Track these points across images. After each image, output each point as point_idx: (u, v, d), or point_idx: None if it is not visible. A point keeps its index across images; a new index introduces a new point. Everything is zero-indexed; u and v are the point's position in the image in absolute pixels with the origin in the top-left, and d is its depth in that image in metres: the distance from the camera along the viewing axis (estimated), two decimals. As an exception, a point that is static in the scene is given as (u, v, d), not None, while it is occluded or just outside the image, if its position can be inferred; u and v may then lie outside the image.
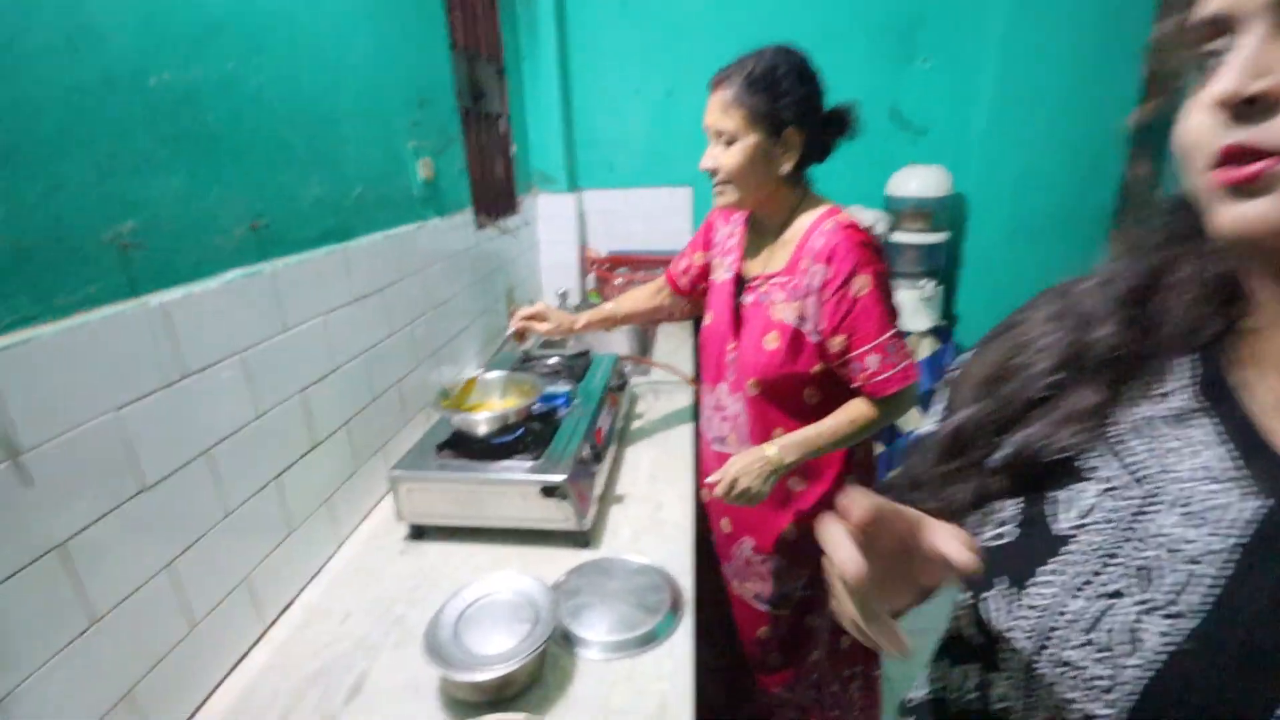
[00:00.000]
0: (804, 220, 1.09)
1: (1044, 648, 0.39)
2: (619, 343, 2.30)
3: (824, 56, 2.43)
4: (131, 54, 0.74)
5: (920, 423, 0.56)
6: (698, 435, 1.45)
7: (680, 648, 0.89)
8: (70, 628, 0.65)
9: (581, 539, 1.10)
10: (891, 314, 1.04)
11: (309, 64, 1.05)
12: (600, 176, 2.61)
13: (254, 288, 0.91)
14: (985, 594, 0.42)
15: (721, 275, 1.24)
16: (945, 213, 2.35)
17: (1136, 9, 2.15)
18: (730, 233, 1.24)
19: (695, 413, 1.51)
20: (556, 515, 1.07)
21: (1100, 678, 0.36)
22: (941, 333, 2.39)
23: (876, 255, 1.03)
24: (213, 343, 0.83)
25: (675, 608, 0.96)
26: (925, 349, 2.34)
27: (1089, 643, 0.37)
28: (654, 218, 2.62)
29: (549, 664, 0.86)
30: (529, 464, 1.09)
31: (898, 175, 2.36)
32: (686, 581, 1.02)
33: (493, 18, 2.00)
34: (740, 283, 1.19)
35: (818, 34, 2.37)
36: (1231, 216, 0.32)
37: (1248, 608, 0.33)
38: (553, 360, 1.59)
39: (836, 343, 1.04)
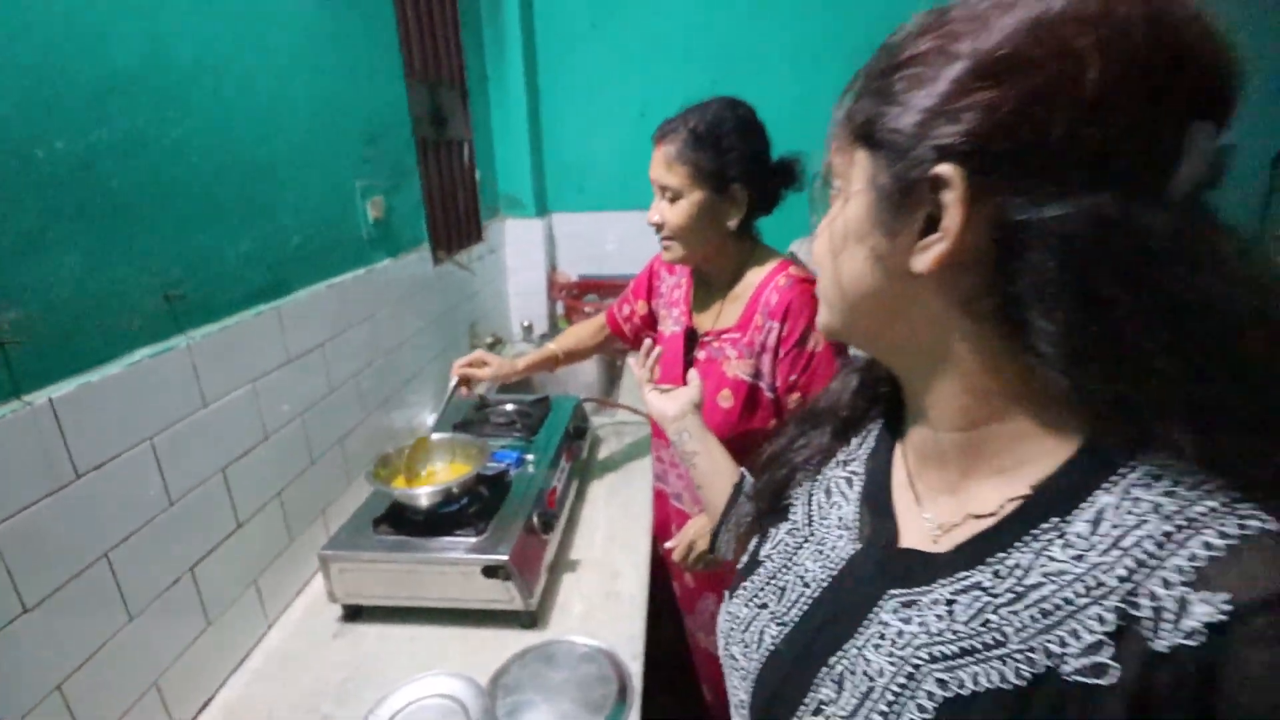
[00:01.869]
0: (755, 275, 1.08)
1: (727, 645, 0.51)
2: (587, 373, 2.25)
3: (798, 79, 2.41)
4: (17, 124, 0.66)
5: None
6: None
7: (625, 752, 0.84)
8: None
9: (528, 619, 1.04)
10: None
11: (240, 111, 0.98)
12: (570, 200, 2.55)
13: (165, 366, 0.83)
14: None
15: (670, 328, 1.23)
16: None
17: None
18: (676, 283, 1.23)
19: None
20: (501, 596, 1.01)
21: (744, 669, 0.47)
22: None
23: None
24: (113, 435, 0.76)
25: (623, 698, 0.91)
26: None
27: (743, 641, 0.48)
28: (627, 240, 2.57)
29: (482, 777, 0.80)
30: (471, 540, 1.03)
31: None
32: (636, 667, 0.97)
33: (455, 41, 1.92)
34: (691, 338, 1.17)
35: (793, 55, 2.34)
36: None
37: (813, 621, 0.44)
38: (509, 408, 1.53)
39: (793, 399, 1.04)
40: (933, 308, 0.37)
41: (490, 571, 1.00)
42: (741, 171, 1.01)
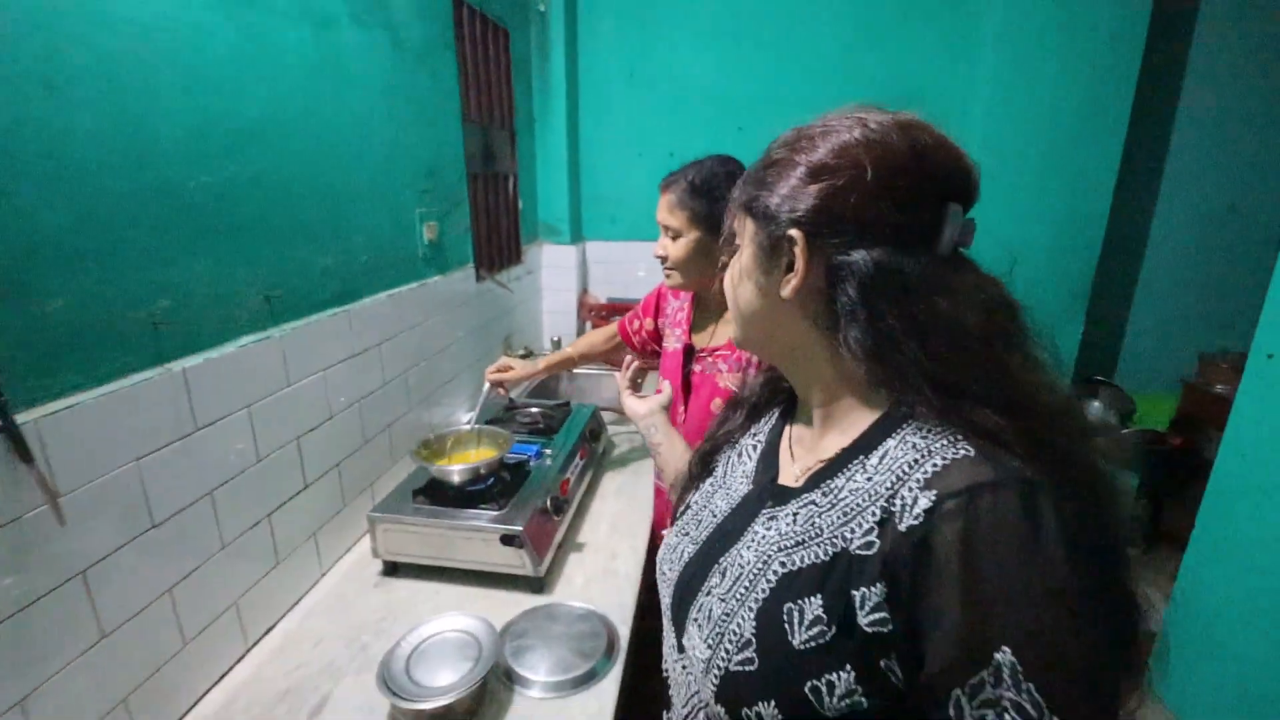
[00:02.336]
0: None
1: (660, 565, 0.68)
2: (609, 387, 2.43)
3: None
4: (179, 162, 0.90)
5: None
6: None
7: (608, 693, 1.00)
8: (84, 640, 0.78)
9: (536, 584, 1.22)
10: None
11: (328, 154, 1.22)
12: (603, 229, 2.78)
13: (263, 351, 1.06)
14: None
15: (672, 344, 1.40)
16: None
17: (1116, 93, 2.28)
18: (679, 306, 1.41)
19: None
20: (514, 561, 1.20)
21: (669, 579, 0.64)
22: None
23: None
24: (223, 400, 0.98)
25: (610, 653, 1.07)
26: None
27: (669, 560, 0.66)
28: (654, 268, 2.75)
29: (489, 698, 0.97)
30: (493, 513, 1.22)
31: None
32: (625, 630, 1.13)
33: (507, 88, 2.19)
34: (690, 353, 1.34)
35: (810, 105, 2.53)
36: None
37: (714, 537, 0.62)
38: (534, 410, 1.73)
39: None
40: (796, 322, 0.55)
41: (507, 540, 1.18)
42: None
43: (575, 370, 2.48)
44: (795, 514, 0.55)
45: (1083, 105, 2.30)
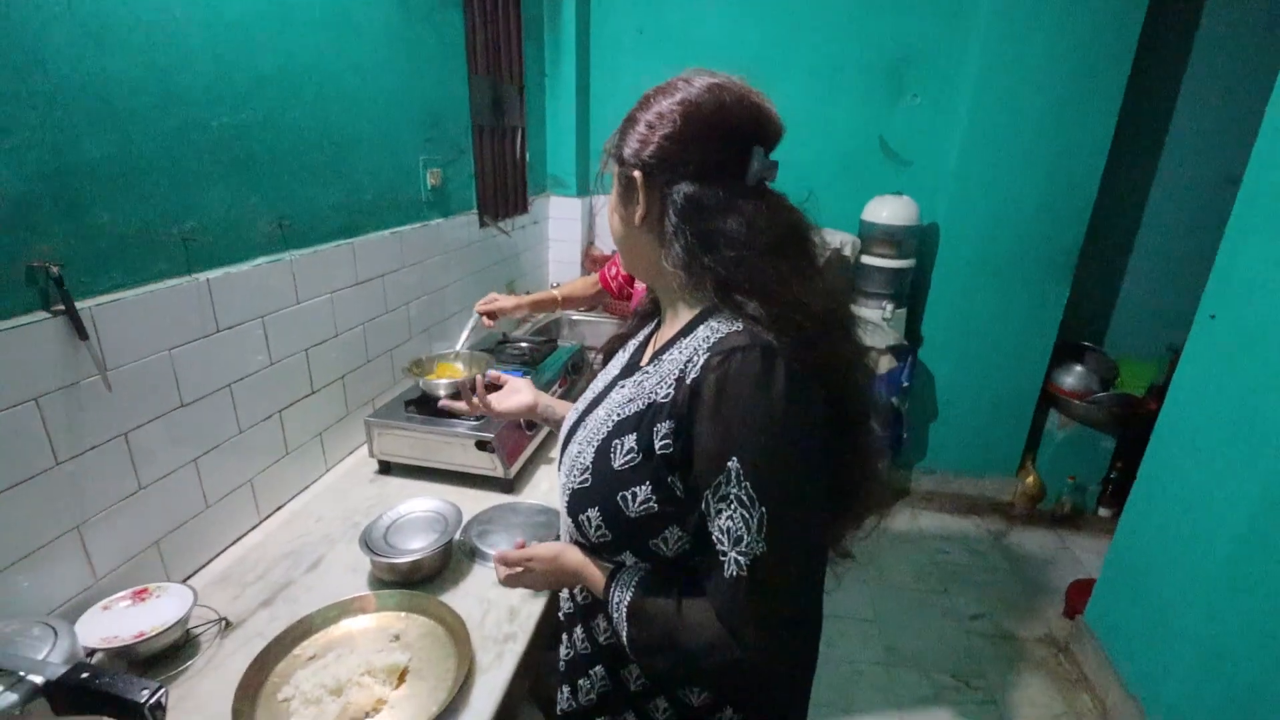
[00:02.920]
0: None
1: (559, 435, 0.86)
2: (602, 334, 2.60)
3: (821, 89, 2.65)
4: (203, 105, 1.07)
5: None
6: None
7: (553, 570, 1.19)
8: (125, 490, 1.00)
9: (506, 485, 1.41)
10: None
11: (335, 102, 1.38)
12: (610, 183, 2.89)
13: (276, 271, 1.25)
14: None
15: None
16: (913, 241, 2.54)
17: (1110, 58, 2.28)
18: None
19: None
20: (487, 464, 1.39)
21: (560, 440, 0.82)
22: (900, 352, 2.58)
23: None
24: (241, 309, 1.17)
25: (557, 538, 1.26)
26: (883, 366, 2.55)
27: (565, 426, 0.82)
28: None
29: (453, 565, 1.17)
30: (471, 423, 1.40)
31: (871, 203, 2.56)
32: (578, 527, 1.31)
33: (517, 44, 2.30)
34: None
35: (816, 67, 2.60)
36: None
37: (586, 410, 0.78)
38: (524, 344, 1.90)
39: None
40: (648, 244, 0.70)
41: (481, 445, 1.37)
42: None
43: (575, 318, 2.66)
44: (636, 382, 0.72)
45: (1080, 68, 2.30)
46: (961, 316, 2.69)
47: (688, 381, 0.62)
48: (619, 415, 0.69)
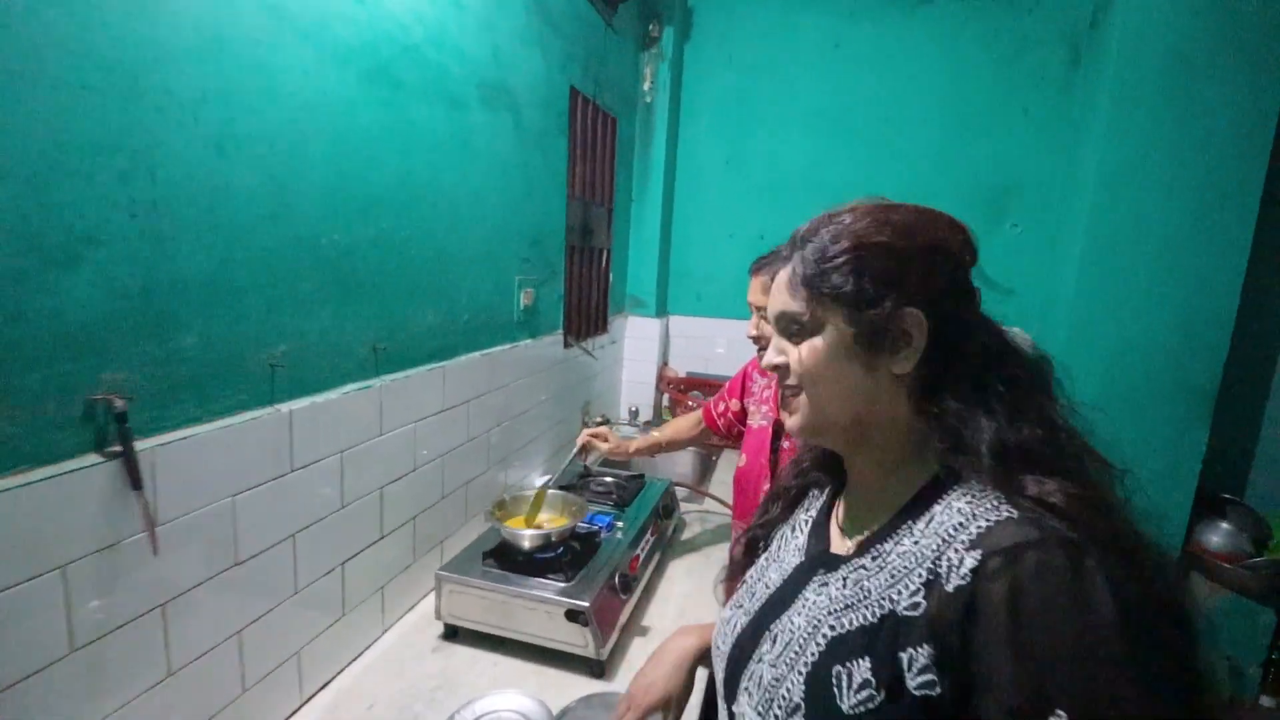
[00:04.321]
0: None
1: (714, 639, 0.68)
2: (683, 462, 2.38)
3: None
4: (314, 220, 0.98)
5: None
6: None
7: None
8: (153, 675, 0.78)
9: (598, 667, 1.14)
10: None
11: (444, 220, 1.30)
12: (688, 305, 2.80)
13: (363, 399, 1.10)
14: None
15: (758, 421, 1.38)
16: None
17: (1243, 184, 2.11)
18: (767, 384, 1.40)
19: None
20: (577, 640, 1.13)
21: (722, 651, 0.64)
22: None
23: None
24: (321, 444, 1.01)
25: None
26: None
27: (724, 633, 0.65)
28: (733, 345, 2.75)
29: (538, 797, 0.89)
30: (561, 584, 1.17)
31: (982, 339, 2.35)
32: (689, 736, 1.02)
33: (609, 169, 2.30)
34: (778, 431, 1.32)
35: (908, 194, 2.50)
36: (785, 420, 0.60)
37: (766, 607, 0.61)
38: (609, 479, 1.69)
39: None
40: (891, 396, 0.55)
41: (572, 615, 1.12)
42: None
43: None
44: (845, 579, 0.54)
45: (1204, 197, 2.14)
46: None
47: (948, 589, 0.46)
48: (834, 628, 0.52)
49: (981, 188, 2.47)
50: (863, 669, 0.48)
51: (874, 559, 0.53)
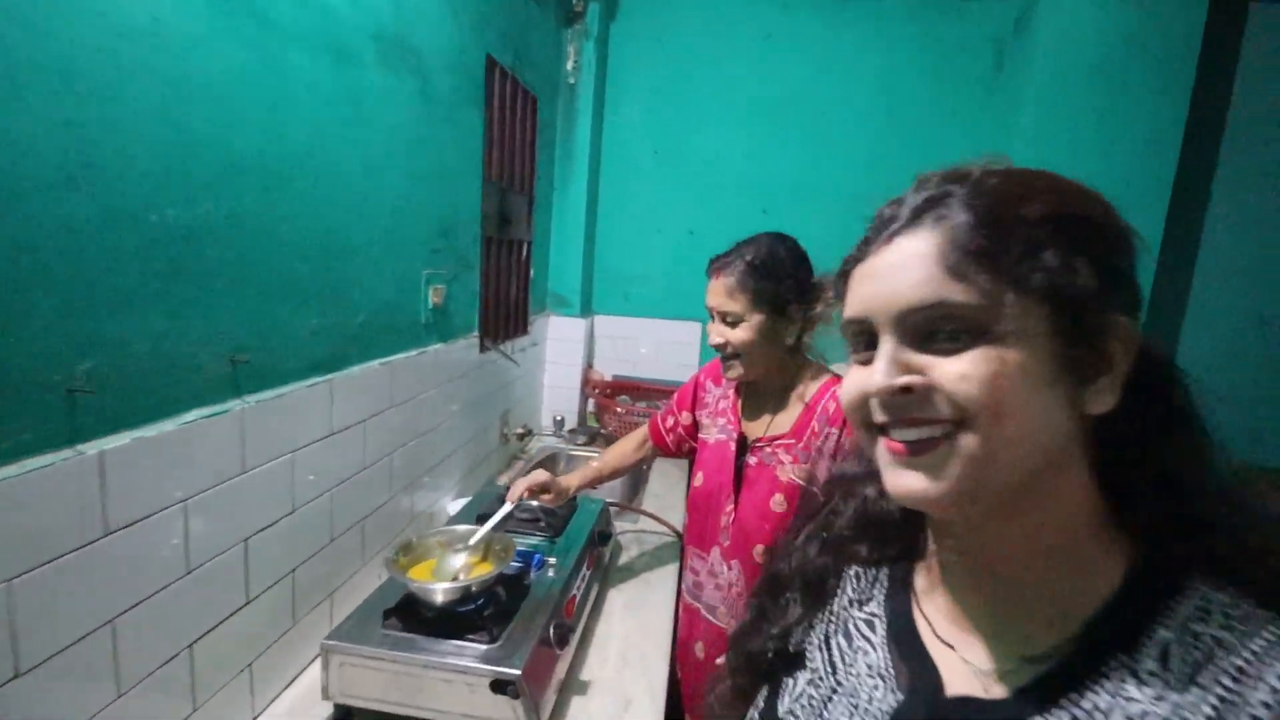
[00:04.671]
0: (809, 386, 1.15)
1: None
2: (612, 483, 2.20)
3: (842, 211, 2.51)
4: (138, 191, 0.71)
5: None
6: (678, 600, 1.36)
7: None
8: None
9: (530, 747, 0.94)
10: None
11: (333, 198, 1.05)
12: (614, 304, 2.63)
13: (216, 428, 0.84)
14: None
15: (715, 436, 1.25)
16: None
17: (1153, 195, 2.20)
18: (722, 394, 1.27)
19: (681, 573, 1.40)
20: (506, 715, 0.93)
21: None
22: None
23: None
24: (149, 494, 0.75)
25: None
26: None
27: None
28: (663, 347, 2.61)
29: None
30: (483, 647, 0.96)
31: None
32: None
33: (530, 153, 2.08)
34: (743, 445, 1.19)
35: (843, 191, 2.46)
36: (899, 484, 0.38)
37: None
38: (534, 504, 1.48)
39: None
40: (1074, 443, 0.38)
41: (499, 686, 0.92)
42: (797, 295, 1.10)
43: (572, 453, 2.27)
44: None
45: (1121, 199, 2.23)
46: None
47: None
48: None
49: (907, 182, 2.47)
50: None
51: (1075, 719, 0.35)
